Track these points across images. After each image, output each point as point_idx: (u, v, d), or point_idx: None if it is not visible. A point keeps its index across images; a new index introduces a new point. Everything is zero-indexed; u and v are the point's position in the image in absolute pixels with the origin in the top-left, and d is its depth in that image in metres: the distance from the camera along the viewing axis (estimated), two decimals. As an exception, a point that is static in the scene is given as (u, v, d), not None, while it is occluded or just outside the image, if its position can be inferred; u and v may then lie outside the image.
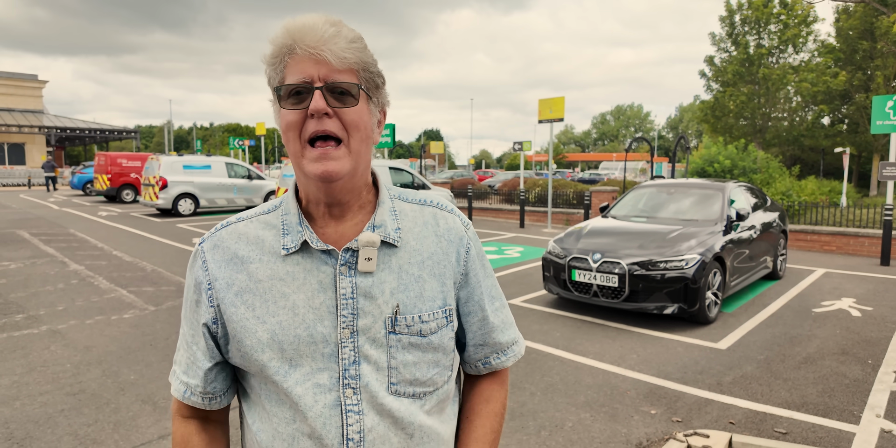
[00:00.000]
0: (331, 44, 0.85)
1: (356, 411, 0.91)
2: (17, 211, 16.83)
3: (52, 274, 7.63)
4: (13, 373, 4.18)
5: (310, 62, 0.85)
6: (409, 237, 0.97)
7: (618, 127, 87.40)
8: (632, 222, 6.72)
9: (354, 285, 0.92)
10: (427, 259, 0.97)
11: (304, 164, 0.88)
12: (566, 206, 15.85)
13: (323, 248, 0.92)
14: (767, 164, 16.06)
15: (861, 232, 10.29)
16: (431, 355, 0.96)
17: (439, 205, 1.04)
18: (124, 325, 5.38)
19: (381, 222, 0.95)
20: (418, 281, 0.95)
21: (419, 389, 0.95)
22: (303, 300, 0.92)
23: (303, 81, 0.86)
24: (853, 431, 3.37)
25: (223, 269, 0.95)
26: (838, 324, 5.64)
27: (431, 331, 0.95)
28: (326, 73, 0.86)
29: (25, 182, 32.37)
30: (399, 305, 0.93)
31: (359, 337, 0.91)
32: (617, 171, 37.75)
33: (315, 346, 0.91)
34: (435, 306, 0.96)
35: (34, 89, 39.43)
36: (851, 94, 27.54)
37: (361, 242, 0.91)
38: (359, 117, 0.89)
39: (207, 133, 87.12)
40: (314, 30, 0.85)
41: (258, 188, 17.61)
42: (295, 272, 0.93)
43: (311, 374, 0.91)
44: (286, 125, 0.89)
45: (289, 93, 0.88)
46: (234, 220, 1.01)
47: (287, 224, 0.95)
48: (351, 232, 0.94)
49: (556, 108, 13.61)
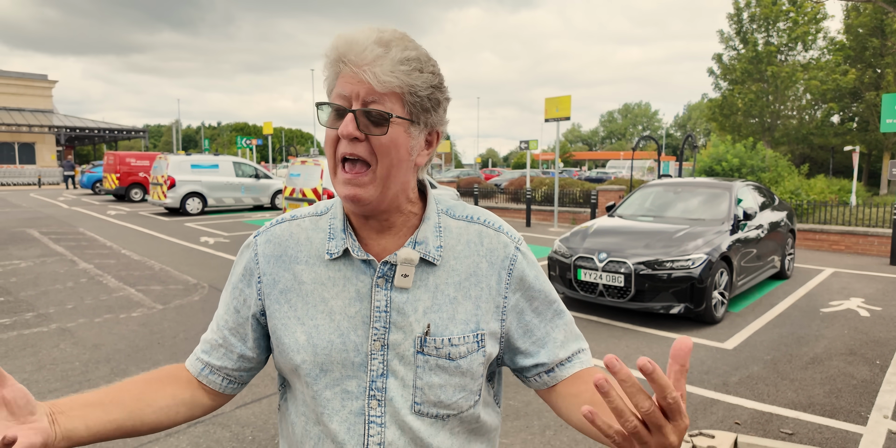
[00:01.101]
0: (375, 65, 0.83)
1: (378, 423, 0.91)
2: (27, 210, 16.98)
3: (62, 272, 7.70)
4: (23, 370, 4.22)
5: (353, 80, 0.84)
6: (450, 256, 0.95)
7: (625, 125, 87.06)
8: (638, 221, 6.70)
9: (389, 299, 0.91)
10: (465, 280, 0.94)
11: (335, 184, 0.89)
12: (572, 205, 15.82)
13: (363, 257, 0.92)
14: (776, 162, 15.96)
15: (870, 231, 10.21)
16: (458, 379, 0.94)
17: (486, 222, 1.00)
18: (132, 324, 5.42)
19: (424, 239, 0.94)
20: (452, 302, 0.93)
21: (443, 411, 0.94)
22: (339, 307, 0.93)
23: (342, 98, 0.86)
24: (860, 432, 3.36)
25: (272, 264, 0.97)
26: (846, 324, 5.60)
27: (461, 355, 0.93)
28: (366, 94, 0.84)
29: (35, 181, 32.63)
30: (430, 326, 0.92)
31: (388, 351, 0.91)
32: (624, 169, 37.62)
33: (346, 353, 0.92)
34: (467, 330, 0.93)
35: (44, 89, 39.73)
36: (861, 91, 27.29)
37: (400, 259, 0.91)
38: (390, 142, 0.86)
39: (215, 132, 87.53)
40: (360, 48, 0.83)
41: (266, 187, 17.67)
42: (336, 278, 0.94)
43: (341, 380, 0.92)
44: (326, 140, 0.90)
45: (326, 115, 0.89)
46: (289, 217, 1.02)
47: (333, 229, 0.96)
48: (393, 245, 0.94)
49: (563, 107, 13.57)
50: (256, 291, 0.97)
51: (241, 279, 1.00)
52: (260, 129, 72.54)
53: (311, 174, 12.43)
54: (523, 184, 20.00)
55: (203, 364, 1.01)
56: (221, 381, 1.01)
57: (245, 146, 28.21)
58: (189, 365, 1.02)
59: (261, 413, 3.60)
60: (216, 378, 1.01)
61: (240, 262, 1.01)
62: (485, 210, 1.05)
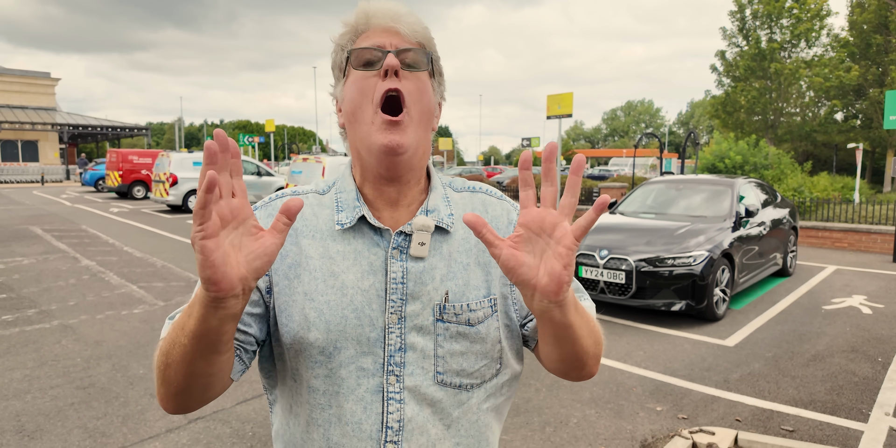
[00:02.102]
0: (403, 18, 0.90)
1: (397, 400, 0.89)
2: (30, 207, 17.02)
3: (64, 269, 7.72)
4: (25, 366, 4.24)
5: (382, 34, 0.89)
6: (459, 225, 0.96)
7: (628, 123, 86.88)
8: (640, 218, 6.69)
9: (405, 270, 0.90)
10: (474, 247, 0.95)
11: (373, 132, 0.87)
12: (575, 202, 15.78)
13: (379, 225, 0.91)
14: (779, 159, 15.89)
15: (873, 228, 10.18)
16: (479, 346, 0.93)
17: (488, 191, 1.04)
18: (134, 320, 5.44)
19: (435, 207, 0.94)
20: (466, 269, 0.93)
21: (466, 381, 0.92)
22: (352, 281, 0.90)
23: (376, 46, 0.89)
24: (861, 429, 3.35)
25: None
26: (848, 321, 5.59)
27: (479, 320, 0.92)
28: (398, 43, 0.89)
29: (38, 179, 32.70)
30: (448, 293, 0.91)
31: (406, 323, 0.89)
32: (627, 167, 37.53)
33: (362, 329, 0.89)
34: (480, 295, 0.93)
35: (47, 87, 39.77)
36: (865, 88, 27.17)
37: (416, 226, 0.90)
38: (425, 87, 0.91)
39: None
40: (388, 7, 0.91)
41: (267, 185, 17.68)
42: (346, 251, 0.91)
43: (356, 357, 0.89)
44: (359, 89, 0.89)
45: (361, 60, 0.90)
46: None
47: (342, 201, 0.94)
48: (405, 217, 0.94)
49: (565, 104, 13.55)
50: None
51: None
52: (262, 126, 72.56)
53: (314, 171, 12.44)
54: (525, 181, 19.94)
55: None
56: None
57: (247, 144, 28.22)
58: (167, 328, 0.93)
59: (261, 409, 3.61)
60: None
61: None
62: (483, 183, 1.07)
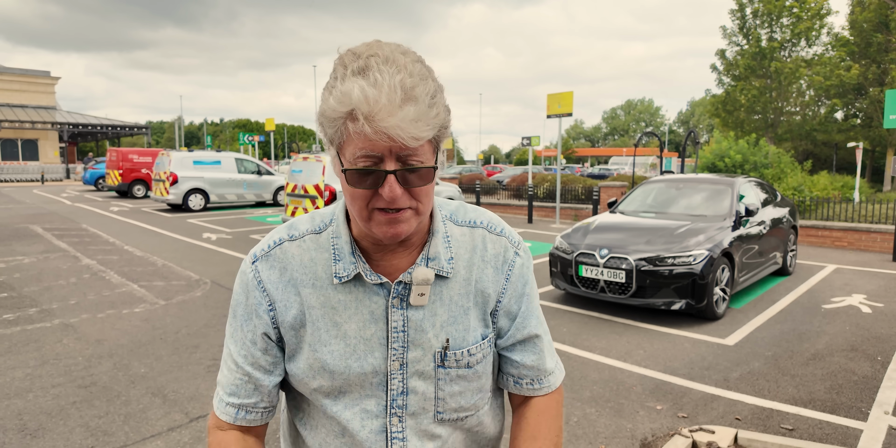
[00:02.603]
0: (412, 122, 0.73)
1: (401, 438, 0.93)
2: (30, 206, 17.03)
3: (65, 268, 7.73)
4: (26, 365, 4.25)
5: (383, 139, 0.74)
6: (460, 266, 0.94)
7: (628, 122, 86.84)
8: (640, 218, 6.70)
9: (406, 318, 0.91)
10: (474, 289, 0.95)
11: (372, 226, 0.82)
12: (575, 201, 15.80)
13: (376, 281, 0.89)
14: (779, 158, 15.89)
15: (873, 227, 10.19)
16: (476, 383, 0.97)
17: (489, 226, 1.00)
18: (135, 319, 5.44)
19: (435, 254, 0.91)
20: (466, 313, 0.94)
21: (463, 414, 0.97)
22: (354, 330, 0.91)
23: (370, 159, 0.76)
24: (861, 428, 3.36)
25: (280, 290, 0.92)
26: (848, 320, 5.60)
27: (478, 361, 0.96)
28: (399, 149, 0.75)
29: (38, 177, 32.70)
30: (449, 340, 0.92)
31: (408, 369, 0.92)
32: (627, 166, 37.53)
33: (365, 376, 0.92)
34: (479, 337, 0.96)
35: (47, 85, 39.74)
36: (865, 87, 27.18)
37: (416, 280, 0.89)
38: (430, 186, 0.82)
39: (218, 129, 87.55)
40: (394, 105, 0.72)
41: (268, 184, 17.68)
42: (347, 301, 0.91)
43: (359, 400, 0.93)
44: (352, 195, 0.80)
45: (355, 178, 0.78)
46: (287, 237, 0.94)
47: (339, 250, 0.90)
48: (404, 263, 0.91)
49: (565, 103, 13.55)
50: (270, 319, 0.92)
51: (250, 311, 0.93)
52: (262, 125, 72.54)
53: (313, 170, 12.43)
54: (525, 180, 19.98)
55: (235, 408, 0.95)
56: (259, 416, 0.97)
57: (247, 143, 28.22)
58: (220, 413, 0.96)
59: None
60: (254, 416, 0.96)
61: (242, 292, 0.94)
62: (486, 211, 1.04)
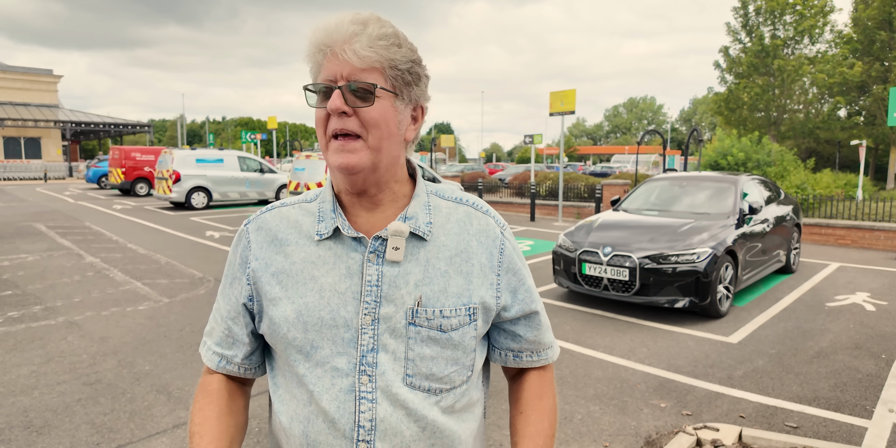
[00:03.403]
0: (353, 43, 0.87)
1: (370, 399, 0.92)
2: (33, 204, 17.06)
3: (69, 266, 7.75)
4: (32, 363, 4.26)
5: (335, 61, 0.88)
6: (440, 233, 0.98)
7: (630, 119, 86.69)
8: (643, 216, 6.69)
9: (380, 273, 0.94)
10: (455, 256, 0.97)
11: (328, 155, 0.92)
12: (577, 199, 15.79)
13: (353, 235, 0.95)
14: (782, 156, 15.85)
15: (877, 225, 10.16)
16: (451, 352, 0.96)
17: (474, 205, 1.05)
18: (139, 317, 5.46)
19: (413, 214, 0.97)
20: (444, 276, 0.96)
21: (435, 385, 0.95)
22: (329, 284, 0.94)
23: (326, 81, 0.89)
24: (865, 426, 3.36)
25: (264, 249, 1.00)
26: (852, 318, 5.59)
27: (452, 327, 0.95)
28: (350, 72, 0.88)
29: (41, 176, 32.76)
30: (421, 297, 0.94)
31: (379, 325, 0.93)
32: (629, 164, 37.49)
33: (336, 329, 0.93)
34: (459, 303, 0.95)
35: (49, 84, 39.79)
36: (869, 85, 27.08)
37: (390, 231, 0.94)
38: (379, 115, 0.90)
39: (220, 127, 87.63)
40: (338, 29, 0.87)
41: (270, 182, 17.70)
42: (326, 257, 0.96)
43: (330, 357, 0.93)
44: (316, 121, 0.94)
45: (313, 97, 0.93)
46: (279, 204, 1.05)
47: (323, 211, 0.99)
48: (382, 223, 0.97)
49: (568, 101, 13.53)
50: (246, 277, 1.00)
51: (236, 268, 1.03)
52: (264, 123, 72.59)
53: (316, 168, 12.45)
54: (527, 178, 19.97)
55: (219, 357, 1.05)
56: (238, 369, 1.06)
57: (249, 141, 28.21)
58: (206, 360, 1.07)
59: (266, 405, 3.62)
60: (233, 367, 1.05)
61: (233, 252, 1.05)
62: (472, 195, 1.09)
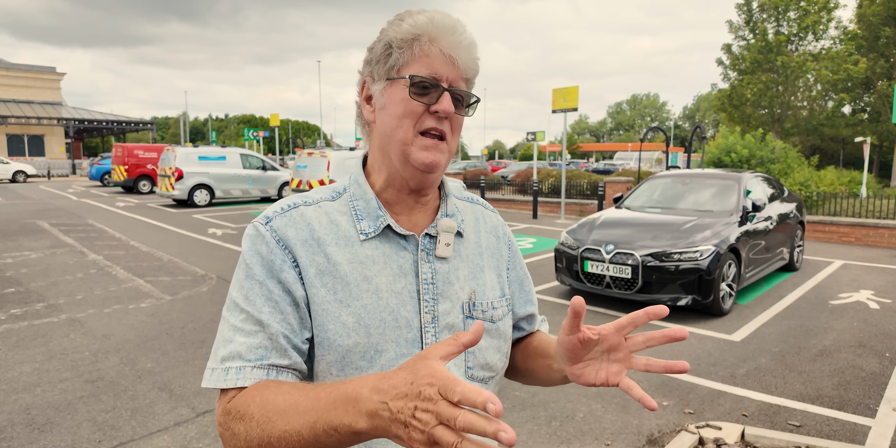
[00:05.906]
0: (465, 51, 0.89)
1: None
2: (37, 201, 17.10)
3: (72, 263, 7.76)
4: (34, 360, 4.27)
5: (442, 61, 0.88)
6: (469, 229, 1.03)
7: (633, 117, 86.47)
8: (646, 213, 6.67)
9: (434, 270, 0.94)
10: (485, 251, 1.03)
11: (413, 150, 0.90)
12: (580, 196, 15.76)
13: (404, 232, 0.94)
14: (786, 153, 15.80)
15: (881, 223, 10.12)
16: (497, 342, 1.00)
17: (483, 204, 1.12)
18: (141, 314, 5.46)
19: (453, 212, 1.00)
20: (482, 270, 1.01)
21: (487, 374, 0.99)
22: (385, 284, 0.91)
23: (434, 77, 0.89)
24: (869, 425, 3.34)
25: (300, 248, 0.88)
26: (856, 316, 5.56)
27: (499, 317, 1.01)
28: (454, 78, 0.90)
29: (45, 173, 32.84)
30: (474, 292, 0.98)
31: (439, 322, 0.94)
32: (632, 161, 37.39)
33: (399, 330, 0.90)
34: (497, 295, 1.02)
35: (52, 81, 39.86)
36: (873, 81, 26.93)
37: (441, 228, 0.96)
38: (462, 123, 0.96)
39: (222, 124, 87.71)
40: (456, 32, 0.89)
41: (272, 179, 17.71)
42: (374, 256, 0.92)
43: (396, 358, 0.90)
44: (405, 112, 0.90)
45: (417, 88, 0.90)
46: (301, 202, 0.94)
47: (360, 210, 0.94)
48: (423, 221, 0.98)
49: (570, 98, 13.49)
50: (297, 274, 0.87)
51: (270, 269, 0.87)
52: (267, 121, 72.59)
53: (318, 166, 12.43)
54: (530, 175, 19.94)
55: (265, 369, 0.83)
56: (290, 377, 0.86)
57: (252, 138, 28.27)
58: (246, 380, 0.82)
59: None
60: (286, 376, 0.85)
61: (255, 255, 0.88)
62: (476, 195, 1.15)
